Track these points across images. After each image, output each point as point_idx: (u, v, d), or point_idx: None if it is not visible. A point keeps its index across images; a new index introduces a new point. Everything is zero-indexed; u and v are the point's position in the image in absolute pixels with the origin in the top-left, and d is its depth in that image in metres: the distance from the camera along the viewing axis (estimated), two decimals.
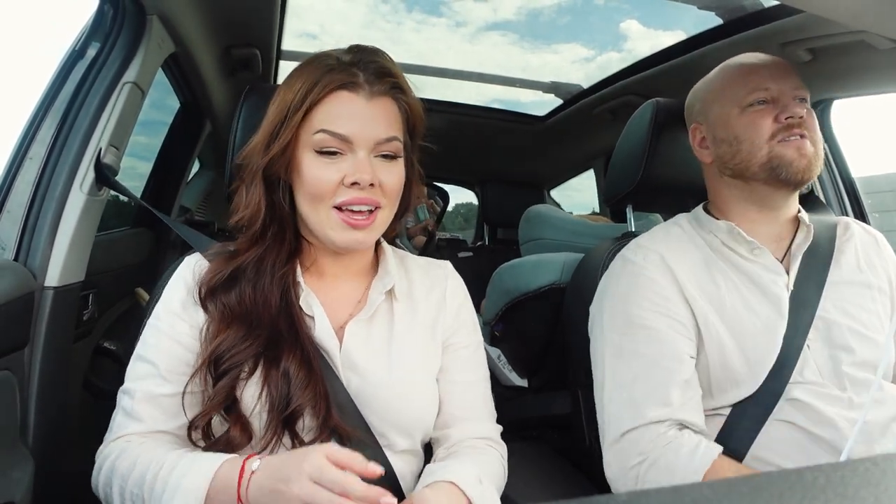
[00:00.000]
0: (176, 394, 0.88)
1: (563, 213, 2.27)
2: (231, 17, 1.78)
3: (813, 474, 0.35)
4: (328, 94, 0.90)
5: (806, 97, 1.12)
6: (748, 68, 1.16)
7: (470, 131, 3.00)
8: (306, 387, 0.86)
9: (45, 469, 1.11)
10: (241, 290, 0.91)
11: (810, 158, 1.08)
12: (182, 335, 0.92)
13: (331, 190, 0.90)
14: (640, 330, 1.11)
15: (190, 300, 0.93)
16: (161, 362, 0.90)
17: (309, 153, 0.90)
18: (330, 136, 0.89)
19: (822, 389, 1.04)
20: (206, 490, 0.77)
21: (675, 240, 1.20)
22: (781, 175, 1.09)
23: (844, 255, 1.17)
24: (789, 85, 1.11)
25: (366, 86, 0.91)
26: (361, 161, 0.89)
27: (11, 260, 1.17)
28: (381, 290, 0.99)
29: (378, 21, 4.86)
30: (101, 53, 1.35)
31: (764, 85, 1.12)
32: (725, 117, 1.16)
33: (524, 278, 1.66)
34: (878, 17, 0.81)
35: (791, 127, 1.09)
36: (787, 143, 1.09)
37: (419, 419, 0.97)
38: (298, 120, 0.89)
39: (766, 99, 1.11)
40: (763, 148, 1.10)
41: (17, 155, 1.25)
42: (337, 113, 0.90)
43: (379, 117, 0.91)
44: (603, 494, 0.33)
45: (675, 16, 2.62)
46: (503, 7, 4.46)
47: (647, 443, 1.02)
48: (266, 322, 0.90)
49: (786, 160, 1.09)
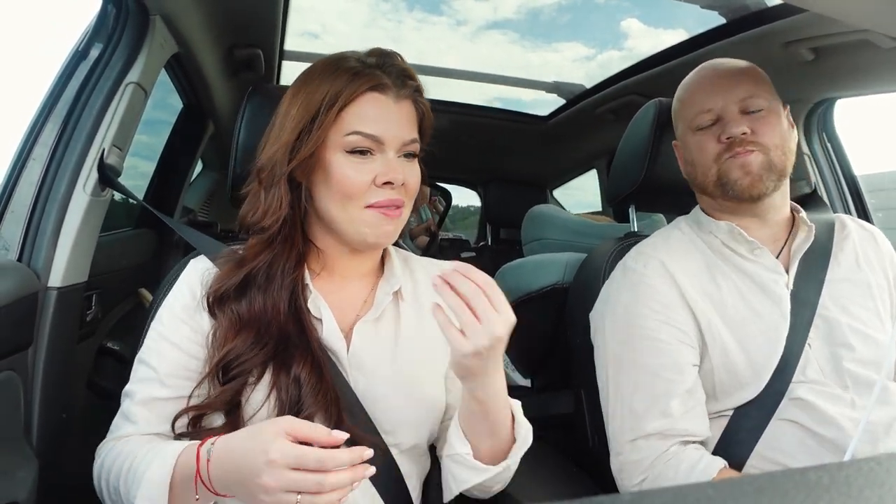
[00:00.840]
0: (174, 398, 0.88)
1: (566, 213, 2.27)
2: (234, 17, 1.78)
3: (817, 474, 0.34)
4: (360, 95, 0.91)
5: (759, 105, 1.11)
6: (695, 87, 1.18)
7: (472, 131, 3.00)
8: (318, 392, 0.86)
9: (49, 469, 1.11)
10: (252, 297, 0.91)
11: (755, 174, 1.09)
12: (184, 340, 0.91)
13: (363, 189, 0.90)
14: (640, 340, 1.11)
15: (194, 305, 0.93)
16: (161, 367, 0.90)
17: (339, 154, 0.90)
18: (363, 137, 0.90)
19: (825, 389, 1.04)
20: (168, 480, 0.76)
21: (676, 244, 1.20)
22: (730, 193, 1.11)
23: (843, 253, 1.17)
24: (735, 97, 1.11)
25: (393, 88, 0.93)
26: (392, 161, 0.91)
27: (15, 261, 1.18)
28: (388, 290, 0.99)
29: (379, 20, 4.88)
30: (104, 54, 1.35)
31: (707, 105, 1.13)
32: (683, 138, 1.20)
33: (527, 278, 1.66)
34: (882, 16, 0.81)
35: (733, 146, 1.09)
36: (731, 160, 1.10)
37: (426, 417, 0.97)
38: (331, 121, 0.90)
39: (710, 120, 1.13)
40: (712, 168, 1.13)
41: (20, 156, 1.25)
42: (368, 114, 0.91)
43: (404, 119, 0.94)
44: (607, 494, 0.33)
45: (676, 14, 2.63)
46: (504, 6, 4.46)
47: (648, 461, 1.03)
48: (275, 328, 0.89)
49: (731, 179, 1.10)
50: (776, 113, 1.12)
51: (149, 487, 0.76)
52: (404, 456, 0.95)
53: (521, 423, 0.90)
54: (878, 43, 1.33)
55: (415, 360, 0.97)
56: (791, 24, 1.44)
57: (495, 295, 0.75)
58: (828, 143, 1.87)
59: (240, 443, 0.75)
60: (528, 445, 0.91)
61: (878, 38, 1.31)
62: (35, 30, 2.03)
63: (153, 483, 0.76)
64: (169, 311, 0.94)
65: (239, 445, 0.74)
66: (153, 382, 0.89)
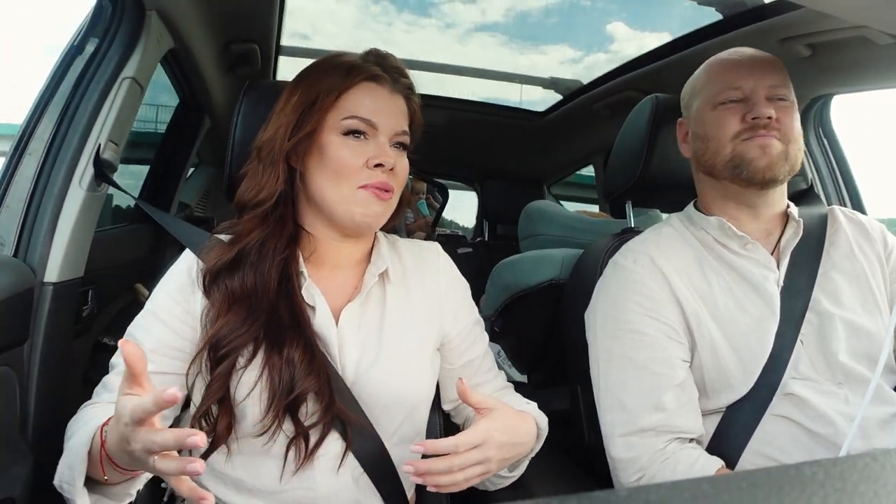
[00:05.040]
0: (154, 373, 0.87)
1: (563, 209, 2.27)
2: (230, 11, 1.78)
3: (812, 469, 0.35)
4: (357, 83, 0.97)
5: (785, 95, 1.11)
6: (726, 65, 1.16)
7: (469, 127, 3.00)
8: (310, 373, 0.88)
9: (45, 465, 1.11)
10: (245, 273, 0.94)
11: (773, 157, 1.08)
12: (173, 319, 0.94)
13: (356, 169, 0.95)
14: (629, 334, 1.11)
15: (189, 286, 0.95)
16: (146, 341, 0.91)
17: (335, 136, 0.96)
18: (359, 121, 0.96)
19: (818, 385, 1.04)
20: (86, 449, 0.78)
21: (666, 240, 1.19)
22: (742, 174, 1.10)
23: (835, 245, 1.16)
24: (765, 83, 1.11)
25: (389, 81, 1.00)
26: (384, 145, 0.97)
27: (11, 256, 1.17)
28: (375, 272, 1.01)
29: (369, 22, 4.89)
30: (100, 49, 1.34)
31: (736, 83, 1.12)
32: (700, 114, 1.17)
33: (524, 274, 1.66)
34: (878, 13, 0.81)
35: (756, 127, 1.09)
36: (750, 141, 1.09)
37: (414, 399, 1.00)
38: (330, 104, 0.96)
39: (737, 98, 1.12)
40: (727, 146, 1.11)
41: (16, 151, 1.24)
42: (364, 101, 0.97)
43: (397, 110, 1.00)
44: (603, 490, 0.33)
45: (661, 18, 2.67)
46: (492, 9, 4.47)
47: (644, 459, 1.03)
48: (265, 306, 0.91)
49: (747, 158, 1.09)
50: (796, 108, 1.12)
51: (69, 455, 0.80)
52: (395, 443, 0.97)
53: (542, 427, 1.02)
54: (875, 39, 1.33)
55: (401, 341, 0.99)
56: (787, 20, 1.44)
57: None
58: (824, 140, 1.88)
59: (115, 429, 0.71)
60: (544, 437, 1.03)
61: (874, 35, 1.31)
62: (31, 25, 2.02)
63: (72, 451, 0.80)
64: (163, 291, 0.97)
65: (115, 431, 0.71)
66: None
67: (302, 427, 0.89)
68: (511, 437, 0.88)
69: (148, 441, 0.65)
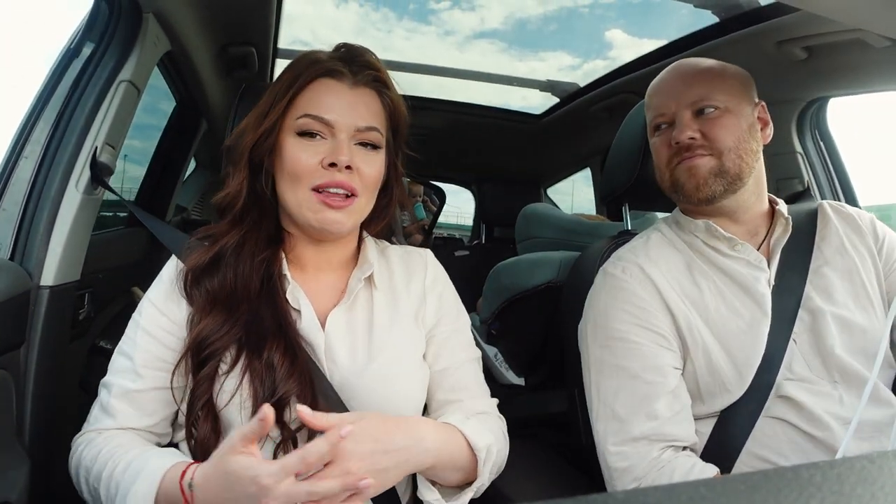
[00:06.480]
0: (148, 389, 0.91)
1: (560, 212, 2.27)
2: (227, 15, 1.77)
3: (809, 472, 0.35)
4: (313, 80, 0.95)
5: (713, 104, 1.10)
6: (653, 91, 1.20)
7: (467, 129, 3.00)
8: (291, 375, 0.88)
9: (41, 469, 1.11)
10: (224, 274, 0.94)
11: (700, 178, 1.09)
12: (158, 330, 0.94)
13: (309, 171, 0.92)
14: (619, 343, 1.10)
15: (173, 293, 0.95)
16: (137, 357, 0.92)
17: (292, 136, 0.94)
18: (312, 120, 0.93)
19: (813, 386, 1.04)
20: (153, 496, 0.77)
21: (655, 247, 1.19)
22: (681, 198, 1.13)
23: (826, 241, 1.16)
24: (687, 100, 1.11)
25: (349, 75, 0.96)
26: (340, 143, 0.93)
27: (7, 259, 1.17)
28: (360, 277, 1.00)
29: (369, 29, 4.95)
30: (97, 52, 1.34)
31: (661, 108, 1.15)
32: (650, 139, 1.21)
33: (521, 277, 1.66)
34: (875, 15, 0.81)
35: (681, 150, 1.10)
36: (680, 165, 1.11)
37: (403, 405, 0.97)
38: (285, 104, 0.94)
39: (666, 122, 1.14)
40: (665, 172, 1.15)
41: (12, 154, 1.24)
42: (320, 99, 0.94)
43: (360, 106, 0.96)
44: (600, 493, 0.33)
45: (658, 24, 2.70)
46: (490, 17, 4.52)
47: (640, 468, 1.02)
48: (246, 307, 0.91)
49: (679, 182, 1.12)
50: (733, 114, 1.10)
51: (135, 501, 0.78)
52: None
53: (479, 447, 0.91)
54: (871, 42, 1.33)
55: (389, 347, 0.98)
56: (784, 22, 1.44)
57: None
58: (820, 142, 1.88)
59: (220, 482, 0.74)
60: (493, 459, 0.93)
61: (870, 38, 1.32)
62: (27, 28, 2.02)
63: (138, 497, 0.78)
64: (149, 303, 0.97)
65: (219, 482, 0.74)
66: (129, 373, 0.92)
67: (289, 431, 0.88)
68: (384, 445, 0.80)
69: (303, 493, 0.70)
